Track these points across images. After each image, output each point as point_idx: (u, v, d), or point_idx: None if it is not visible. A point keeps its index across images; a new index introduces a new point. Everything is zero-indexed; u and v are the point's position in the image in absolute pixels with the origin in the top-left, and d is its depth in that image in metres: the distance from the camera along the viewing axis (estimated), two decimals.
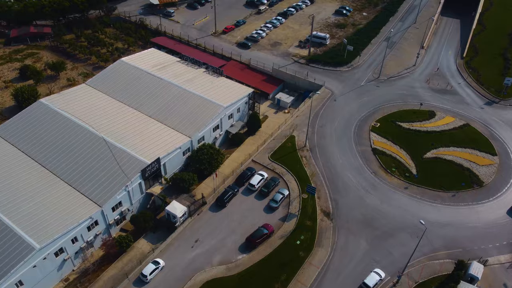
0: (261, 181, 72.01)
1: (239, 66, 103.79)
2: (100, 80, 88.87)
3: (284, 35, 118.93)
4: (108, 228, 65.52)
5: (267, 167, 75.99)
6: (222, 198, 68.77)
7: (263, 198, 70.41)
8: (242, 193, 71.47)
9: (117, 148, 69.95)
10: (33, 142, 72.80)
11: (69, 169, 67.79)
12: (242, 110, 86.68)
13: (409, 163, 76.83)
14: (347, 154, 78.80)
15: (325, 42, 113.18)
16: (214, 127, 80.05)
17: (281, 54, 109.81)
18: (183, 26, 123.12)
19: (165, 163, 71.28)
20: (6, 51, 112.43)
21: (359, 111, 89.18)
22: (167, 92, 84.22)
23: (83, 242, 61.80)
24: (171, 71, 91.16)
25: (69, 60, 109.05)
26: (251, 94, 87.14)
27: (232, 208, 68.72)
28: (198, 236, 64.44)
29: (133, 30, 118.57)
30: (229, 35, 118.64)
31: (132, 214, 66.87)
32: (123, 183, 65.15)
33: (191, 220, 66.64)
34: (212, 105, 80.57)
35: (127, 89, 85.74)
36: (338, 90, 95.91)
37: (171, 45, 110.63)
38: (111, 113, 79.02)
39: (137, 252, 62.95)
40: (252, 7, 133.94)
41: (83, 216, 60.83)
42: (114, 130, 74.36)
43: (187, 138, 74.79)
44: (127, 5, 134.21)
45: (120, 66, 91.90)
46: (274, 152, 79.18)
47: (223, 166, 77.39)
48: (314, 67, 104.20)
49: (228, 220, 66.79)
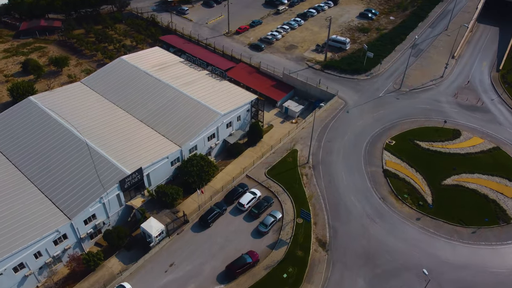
0: (252, 200, 64.53)
1: (247, 69, 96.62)
2: (96, 78, 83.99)
3: (301, 37, 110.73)
4: (80, 243, 59.93)
5: (261, 184, 68.43)
6: (206, 217, 61.82)
7: (253, 220, 62.93)
8: (231, 212, 64.26)
9: (98, 155, 64.39)
10: (14, 142, 68.44)
11: (44, 175, 62.82)
12: (243, 118, 79.47)
13: (424, 190, 67.27)
14: (354, 174, 70.07)
15: (344, 47, 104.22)
16: (209, 136, 73.26)
17: (295, 58, 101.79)
18: (196, 25, 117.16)
19: (149, 173, 65.09)
20: (14, 44, 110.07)
21: (374, 126, 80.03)
22: (162, 95, 78.17)
23: (49, 257, 56.44)
24: (171, 72, 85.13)
25: (75, 56, 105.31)
26: (254, 101, 79.78)
27: (216, 229, 61.66)
28: (175, 259, 57.75)
29: (144, 27, 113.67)
30: (242, 36, 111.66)
31: (106, 229, 60.99)
32: (98, 194, 59.40)
33: (169, 240, 60.06)
34: (209, 111, 73.79)
35: (122, 89, 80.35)
36: (352, 100, 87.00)
37: (180, 44, 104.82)
38: (101, 115, 73.73)
39: (107, 272, 57.00)
40: (271, 6, 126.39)
41: (50, 228, 55.45)
42: (100, 134, 68.95)
43: (177, 147, 68.36)
44: (141, 0, 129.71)
45: (119, 64, 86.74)
46: (272, 167, 71.49)
47: (215, 180, 70.49)
48: (329, 73, 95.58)
49: (210, 243, 59.78)
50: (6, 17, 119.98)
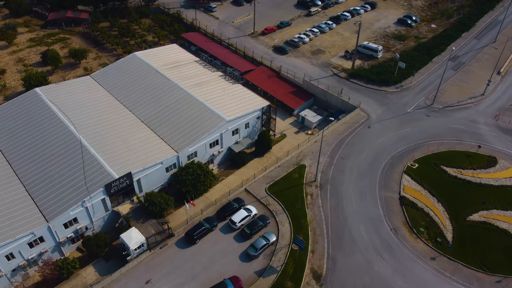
0: (245, 218, 58.67)
1: (267, 73, 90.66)
2: (106, 73, 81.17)
3: (331, 42, 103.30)
4: (59, 247, 56.58)
5: (260, 201, 62.40)
6: (192, 232, 56.64)
7: (244, 241, 57.05)
8: (221, 229, 58.73)
9: (90, 154, 60.93)
10: (11, 134, 66.44)
11: (32, 171, 60.13)
12: (252, 125, 73.68)
13: (444, 224, 58.60)
14: (365, 198, 62.45)
15: (376, 55, 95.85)
16: (212, 143, 68.09)
17: (321, 64, 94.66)
18: (221, 23, 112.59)
19: (140, 179, 60.84)
20: (40, 34, 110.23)
21: (396, 145, 71.72)
22: (169, 95, 73.89)
23: (23, 260, 53.37)
24: (183, 71, 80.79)
25: (96, 48, 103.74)
26: (266, 108, 73.76)
27: (202, 247, 56.33)
28: (152, 276, 52.98)
29: (168, 23, 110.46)
30: (267, 37, 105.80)
31: (86, 236, 57.25)
32: (81, 197, 55.77)
33: (150, 254, 55.41)
34: (213, 116, 68.62)
35: (130, 86, 76.90)
36: (376, 114, 78.90)
37: (201, 43, 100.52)
38: (102, 113, 70.50)
39: (80, 282, 53.16)
40: (303, 7, 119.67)
41: (25, 230, 52.31)
42: (97, 133, 65.59)
43: (173, 153, 63.71)
44: None
45: (131, 60, 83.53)
46: (274, 182, 65.26)
47: (213, 191, 65.27)
48: (354, 83, 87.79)
49: (193, 262, 54.53)
50: (38, 7, 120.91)
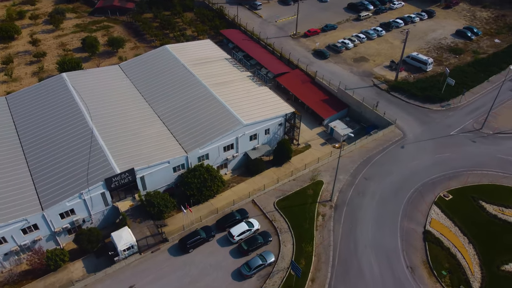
0: (245, 232, 54.11)
1: (301, 77, 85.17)
2: (135, 64, 79.94)
3: (377, 50, 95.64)
4: (55, 236, 55.32)
5: (265, 215, 57.56)
6: (186, 240, 53.03)
7: (240, 257, 52.54)
8: (219, 240, 54.63)
9: (98, 146, 59.32)
10: (30, 116, 66.50)
11: (40, 156, 59.52)
12: (273, 132, 68.85)
13: (472, 271, 50.44)
14: (384, 227, 55.58)
15: (425, 68, 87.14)
16: (226, 146, 64.19)
17: (362, 73, 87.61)
18: (264, 22, 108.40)
19: (143, 176, 58.26)
20: (86, 20, 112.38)
21: (430, 170, 63.71)
22: (190, 91, 70.94)
23: (15, 245, 52.55)
24: (211, 68, 77.60)
25: (136, 39, 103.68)
26: (290, 115, 68.60)
27: (195, 257, 52.56)
28: (137, 282, 50.01)
29: (210, 18, 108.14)
30: (309, 40, 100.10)
31: (81, 229, 55.48)
32: (79, 189, 54.11)
33: (140, 258, 52.53)
34: (231, 118, 64.68)
35: (154, 79, 74.96)
36: (413, 133, 70.98)
37: (239, 40, 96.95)
38: (121, 104, 68.98)
39: (66, 276, 51.43)
40: (353, 11, 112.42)
41: (19, 215, 51.39)
42: (111, 124, 63.98)
43: (183, 153, 60.57)
44: None
45: (160, 52, 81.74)
46: (285, 197, 60.10)
47: (220, 197, 61.45)
48: (395, 96, 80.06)
49: (182, 272, 50.91)
50: None
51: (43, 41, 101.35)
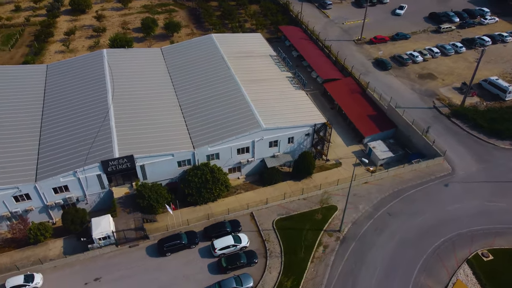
0: (229, 247, 48.27)
1: (352, 87, 76.26)
2: (175, 49, 77.64)
3: (449, 68, 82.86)
4: (47, 209, 54.54)
5: (259, 232, 51.08)
6: (163, 243, 48.69)
7: (218, 274, 46.88)
8: (201, 250, 49.48)
9: (108, 126, 57.44)
10: (61, 87, 67.02)
11: (53, 128, 59.31)
12: (298, 142, 61.81)
13: None
14: (394, 277, 46.08)
15: (504, 96, 73.20)
16: (240, 149, 58.77)
17: (424, 92, 76.17)
18: (330, 22, 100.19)
19: (144, 165, 55.14)
20: (155, 2, 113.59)
21: (474, 220, 52.16)
22: (220, 84, 66.51)
23: (7, 211, 52.56)
24: (250, 64, 72.50)
25: (195, 25, 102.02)
26: (320, 126, 60.97)
27: (171, 263, 48.05)
28: (104, 275, 46.90)
29: (273, 13, 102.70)
30: (374, 47, 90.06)
31: (69, 208, 53.86)
32: (75, 167, 52.55)
33: (116, 250, 49.40)
34: (251, 119, 59.06)
35: (189, 67, 71.83)
36: (465, 171, 59.21)
37: (295, 38, 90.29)
38: (147, 88, 66.79)
39: (42, 252, 50.02)
40: (434, 22, 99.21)
41: (13, 182, 51.14)
42: (129, 107, 61.94)
43: (190, 148, 56.41)
44: None
45: (204, 40, 78.43)
46: (288, 216, 53.03)
47: (222, 202, 56.37)
48: (455, 124, 67.98)
49: (152, 277, 46.71)
50: None
51: (108, 18, 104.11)
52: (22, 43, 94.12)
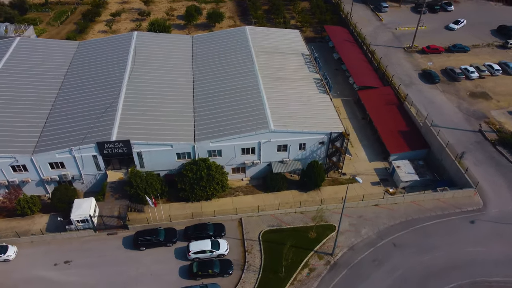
0: (205, 252, 44.52)
1: (388, 98, 69.00)
2: (206, 38, 75.15)
3: (509, 89, 72.30)
4: (44, 183, 54.38)
5: (243, 241, 46.70)
6: (138, 237, 46.08)
7: (187, 279, 43.36)
8: (178, 250, 46.24)
9: (114, 108, 56.12)
10: (84, 64, 67.27)
11: (65, 103, 59.18)
12: (310, 150, 56.46)
13: None
14: None
15: None
16: (245, 148, 54.76)
17: (472, 113, 66.95)
18: (381, 26, 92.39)
19: (141, 152, 53.08)
20: None
21: (497, 268, 43.80)
22: (240, 79, 62.96)
23: (4, 179, 53.00)
24: (278, 60, 68.19)
25: (240, 17, 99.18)
26: (336, 135, 55.15)
27: (143, 259, 45.40)
28: (75, 259, 45.37)
29: (323, 11, 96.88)
30: (425, 57, 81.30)
31: (60, 185, 53.10)
32: (71, 144, 51.71)
33: (93, 235, 47.75)
34: (260, 118, 54.83)
35: (214, 58, 69.00)
36: (499, 209, 50.47)
37: (338, 40, 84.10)
38: (166, 75, 64.69)
39: (26, 226, 49.65)
40: (502, 36, 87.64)
41: (13, 151, 51.35)
42: (141, 91, 60.15)
43: (191, 141, 53.43)
44: None
45: (236, 33, 75.17)
46: (279, 229, 48.14)
47: (216, 203, 52.83)
48: (500, 153, 58.60)
49: (120, 269, 44.36)
50: None
51: (157, 3, 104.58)
52: (71, 20, 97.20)
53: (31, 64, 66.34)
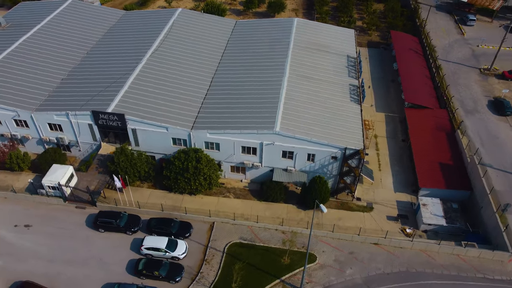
0: (158, 251, 39.76)
1: (440, 122, 58.24)
2: (249, 25, 70.16)
3: None
4: (43, 143, 53.79)
5: (207, 249, 41.04)
6: (98, 218, 42.76)
7: (131, 274, 39.07)
8: (135, 240, 42.14)
9: (124, 81, 53.57)
10: (117, 31, 66.22)
11: (85, 66, 58.34)
12: (320, 163, 48.83)
13: None
14: None
15: None
16: (245, 147, 48.99)
17: None
18: (460, 41, 79.25)
19: (136, 130, 49.89)
20: None
21: None
22: (266, 72, 57.12)
23: (8, 131, 53.32)
24: (315, 58, 61.03)
25: (304, 11, 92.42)
26: (351, 153, 46.81)
27: (98, 241, 42.10)
28: (35, 225, 43.57)
29: (397, 15, 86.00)
30: (503, 83, 67.79)
31: (49, 148, 51.80)
32: (68, 108, 50.19)
33: (62, 205, 45.67)
34: (268, 118, 48.58)
35: (246, 47, 63.87)
36: None
37: (401, 48, 73.59)
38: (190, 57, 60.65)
39: (10, 180, 49.36)
40: None
41: (15, 105, 51.21)
42: (157, 69, 56.76)
43: (188, 127, 48.98)
44: None
45: (284, 23, 69.13)
46: (251, 244, 41.60)
47: (198, 199, 47.98)
48: None
49: (72, 245, 41.59)
50: None
51: None
52: None
53: (71, 26, 66.70)
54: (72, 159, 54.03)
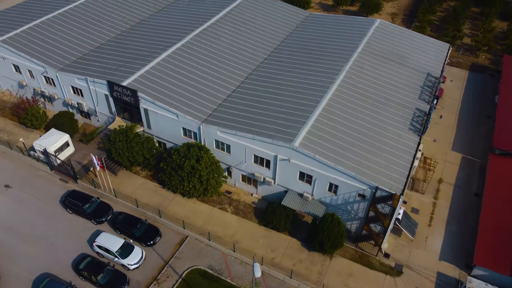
0: (108, 252, 33.75)
1: None
2: (321, 20, 60.44)
3: None
4: (67, 105, 51.77)
5: (165, 267, 33.84)
6: (68, 196, 38.26)
7: (73, 269, 33.76)
8: (97, 232, 36.76)
9: (151, 59, 48.36)
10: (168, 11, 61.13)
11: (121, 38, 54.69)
12: (344, 198, 38.49)
13: None
14: None
15: None
16: (258, 156, 40.72)
17: None
18: None
19: (147, 110, 44.69)
20: None
21: None
22: (314, 77, 47.70)
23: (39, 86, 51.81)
24: (381, 71, 49.59)
25: (405, 17, 79.07)
26: (384, 195, 35.60)
27: (60, 222, 38.02)
28: (16, 188, 41.00)
29: None
30: None
31: (62, 111, 49.00)
32: (88, 75, 46.87)
33: (48, 173, 42.62)
34: (291, 129, 39.55)
35: (305, 44, 54.25)
36: None
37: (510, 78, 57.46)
38: (235, 46, 53.13)
39: (21, 136, 47.69)
40: None
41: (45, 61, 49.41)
42: (196, 52, 50.35)
43: (199, 119, 42.25)
44: None
45: (362, 23, 58.04)
46: (215, 277, 33.33)
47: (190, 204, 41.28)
48: None
49: (38, 218, 38.07)
50: None
51: None
52: None
53: None
54: (91, 128, 51.19)
